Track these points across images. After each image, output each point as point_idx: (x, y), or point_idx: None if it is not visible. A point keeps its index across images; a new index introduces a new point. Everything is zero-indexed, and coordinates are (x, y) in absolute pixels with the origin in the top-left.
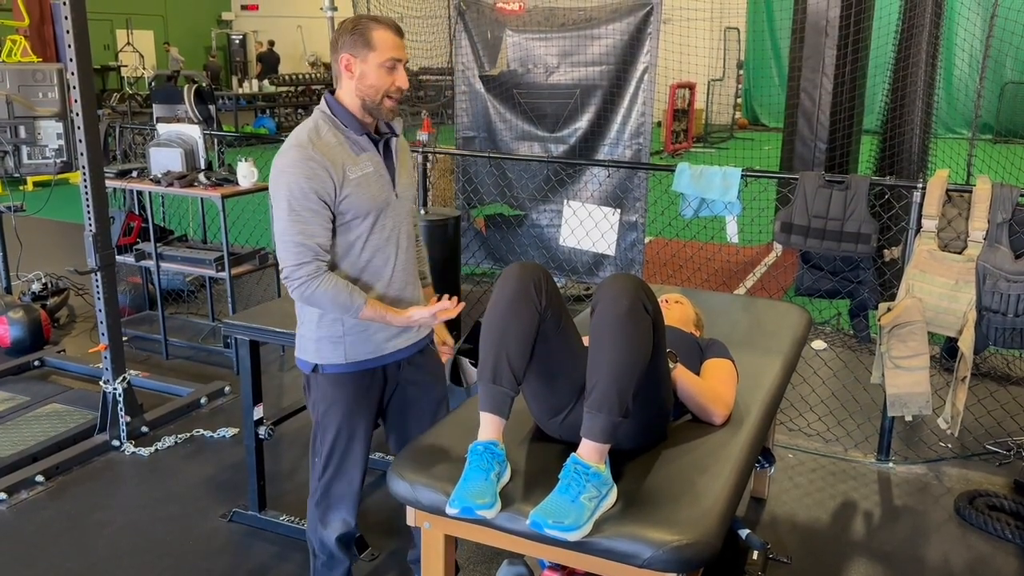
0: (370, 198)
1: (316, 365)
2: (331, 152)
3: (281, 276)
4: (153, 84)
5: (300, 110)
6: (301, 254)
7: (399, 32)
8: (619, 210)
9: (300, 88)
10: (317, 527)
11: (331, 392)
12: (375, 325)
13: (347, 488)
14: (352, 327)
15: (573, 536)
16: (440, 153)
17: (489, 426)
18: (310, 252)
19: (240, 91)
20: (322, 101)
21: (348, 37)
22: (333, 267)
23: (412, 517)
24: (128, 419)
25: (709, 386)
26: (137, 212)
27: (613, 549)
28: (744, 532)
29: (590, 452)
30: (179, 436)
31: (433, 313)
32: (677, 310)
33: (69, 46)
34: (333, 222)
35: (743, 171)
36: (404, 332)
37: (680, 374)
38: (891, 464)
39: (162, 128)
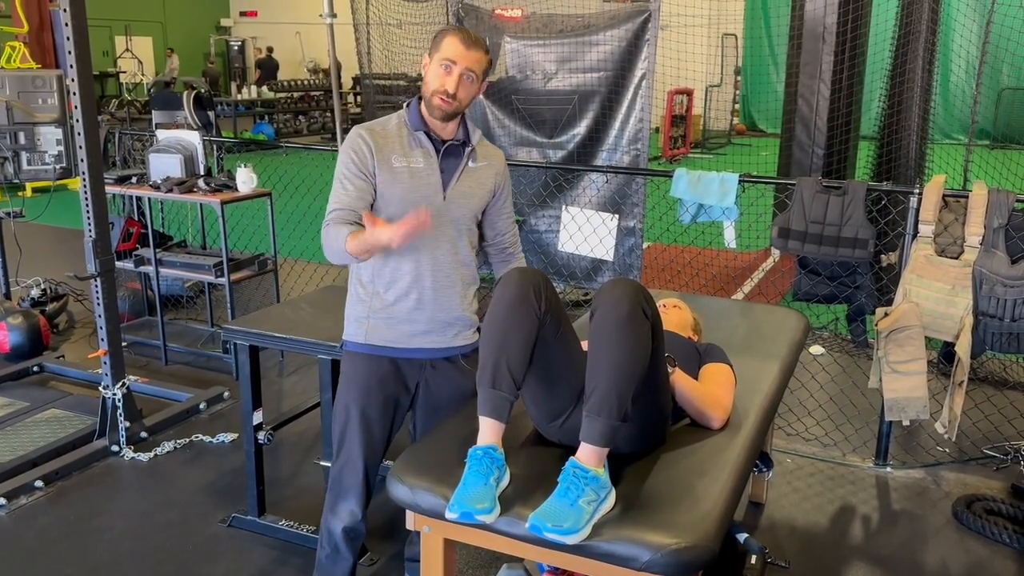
0: (405, 190)
1: (344, 341)
2: (385, 138)
3: None
4: (152, 90)
5: (299, 116)
6: (330, 214)
7: (471, 43)
8: (617, 215)
9: (299, 94)
10: (328, 514)
11: (347, 370)
12: (399, 315)
13: (354, 477)
14: (377, 311)
15: (572, 539)
16: None
17: (488, 430)
18: (333, 213)
19: (239, 97)
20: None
21: (432, 40)
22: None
23: (412, 521)
24: (127, 424)
25: (707, 390)
26: (136, 218)
27: (612, 552)
28: (742, 536)
29: (589, 456)
30: (178, 441)
31: (398, 231)
32: (675, 315)
33: (69, 52)
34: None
35: (741, 176)
36: (430, 332)
37: (678, 378)
38: (889, 468)
39: (161, 134)
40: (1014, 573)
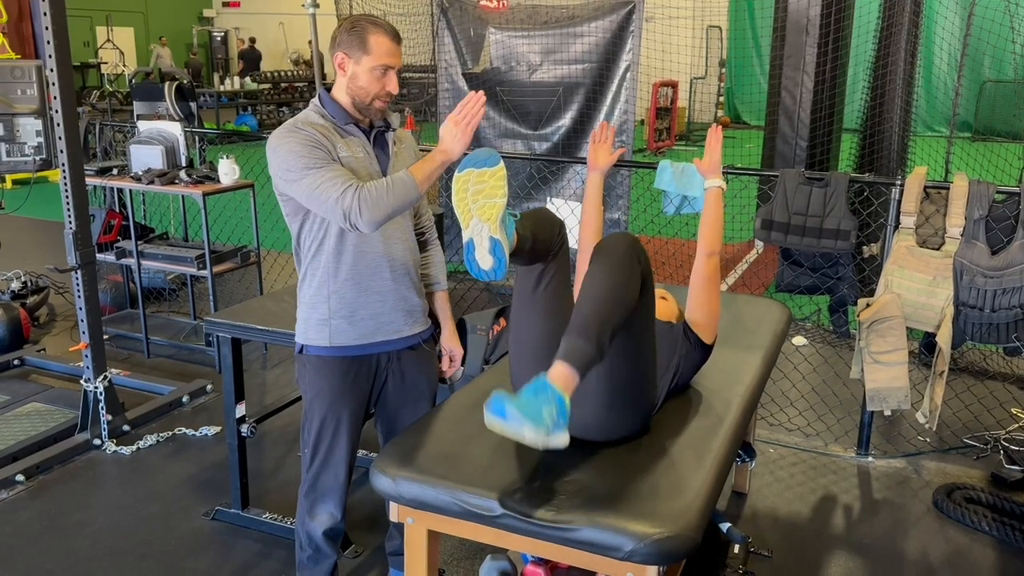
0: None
1: (303, 346)
2: (320, 131)
3: (341, 224)
4: (133, 81)
5: (283, 108)
6: (336, 185)
7: (396, 38)
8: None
9: (282, 86)
10: (305, 519)
11: (316, 380)
12: (361, 311)
13: (334, 481)
14: (338, 310)
15: (527, 430)
16: (424, 151)
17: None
18: (341, 179)
19: (222, 88)
20: (316, 96)
21: (346, 36)
22: (313, 250)
23: (395, 513)
24: (109, 418)
25: (721, 226)
26: (118, 210)
27: (595, 542)
28: (725, 526)
29: (559, 374)
30: (161, 435)
31: (456, 114)
32: (662, 305)
33: (48, 42)
34: None
35: (724, 168)
36: (393, 323)
37: (717, 196)
38: (870, 458)
39: (142, 125)
40: (993, 561)
